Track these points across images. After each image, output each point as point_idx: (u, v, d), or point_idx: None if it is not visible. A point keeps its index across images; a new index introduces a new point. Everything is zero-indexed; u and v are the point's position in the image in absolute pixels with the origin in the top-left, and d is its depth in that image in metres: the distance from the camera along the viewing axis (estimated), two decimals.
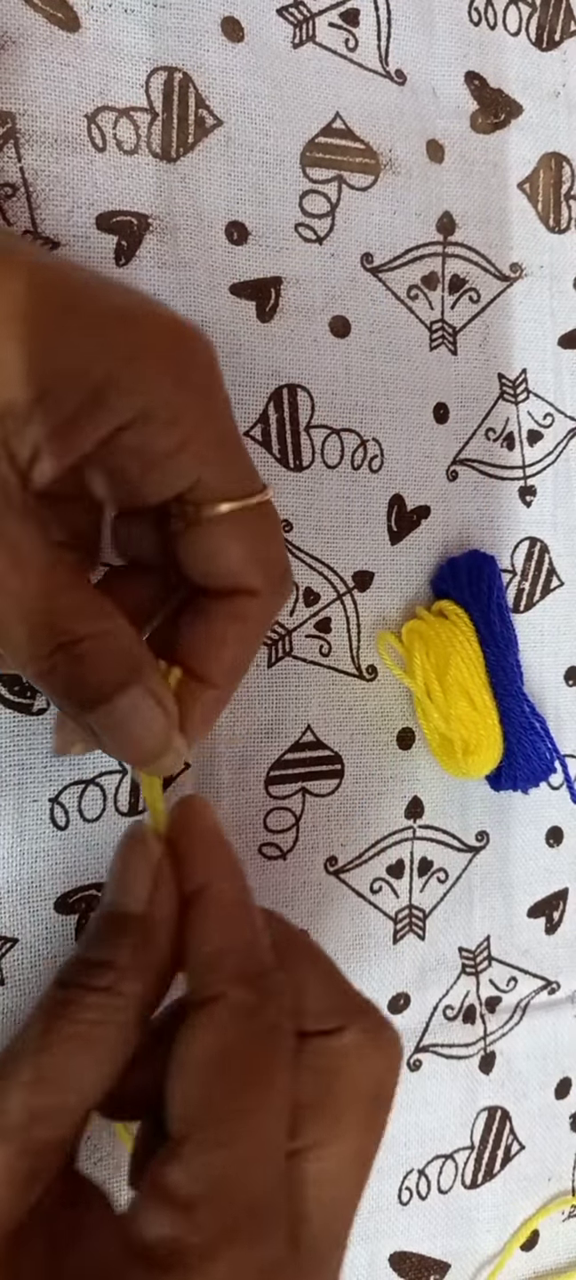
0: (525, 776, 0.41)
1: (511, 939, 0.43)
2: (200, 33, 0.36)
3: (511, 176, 0.42)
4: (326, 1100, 0.25)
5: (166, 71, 0.35)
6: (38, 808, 0.34)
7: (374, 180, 0.39)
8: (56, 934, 0.34)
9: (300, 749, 0.38)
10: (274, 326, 0.37)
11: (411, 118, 0.40)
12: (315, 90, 0.38)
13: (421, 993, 0.41)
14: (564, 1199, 0.44)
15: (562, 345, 0.43)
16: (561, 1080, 0.44)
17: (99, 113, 0.34)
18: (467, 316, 0.41)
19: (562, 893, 0.44)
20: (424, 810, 0.41)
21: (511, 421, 0.42)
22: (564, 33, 0.43)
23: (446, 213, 0.40)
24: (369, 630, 0.40)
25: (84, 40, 0.34)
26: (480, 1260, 0.42)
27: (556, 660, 0.43)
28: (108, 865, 0.35)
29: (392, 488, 0.40)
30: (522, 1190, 0.43)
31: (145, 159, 0.35)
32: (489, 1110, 0.43)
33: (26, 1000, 0.34)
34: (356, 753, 0.39)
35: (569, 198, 0.43)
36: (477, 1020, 0.42)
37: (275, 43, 0.37)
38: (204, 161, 0.36)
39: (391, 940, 0.40)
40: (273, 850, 0.38)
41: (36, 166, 0.33)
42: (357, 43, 0.39)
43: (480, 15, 0.41)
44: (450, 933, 0.42)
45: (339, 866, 0.39)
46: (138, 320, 0.26)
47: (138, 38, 0.35)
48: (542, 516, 0.43)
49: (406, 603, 0.40)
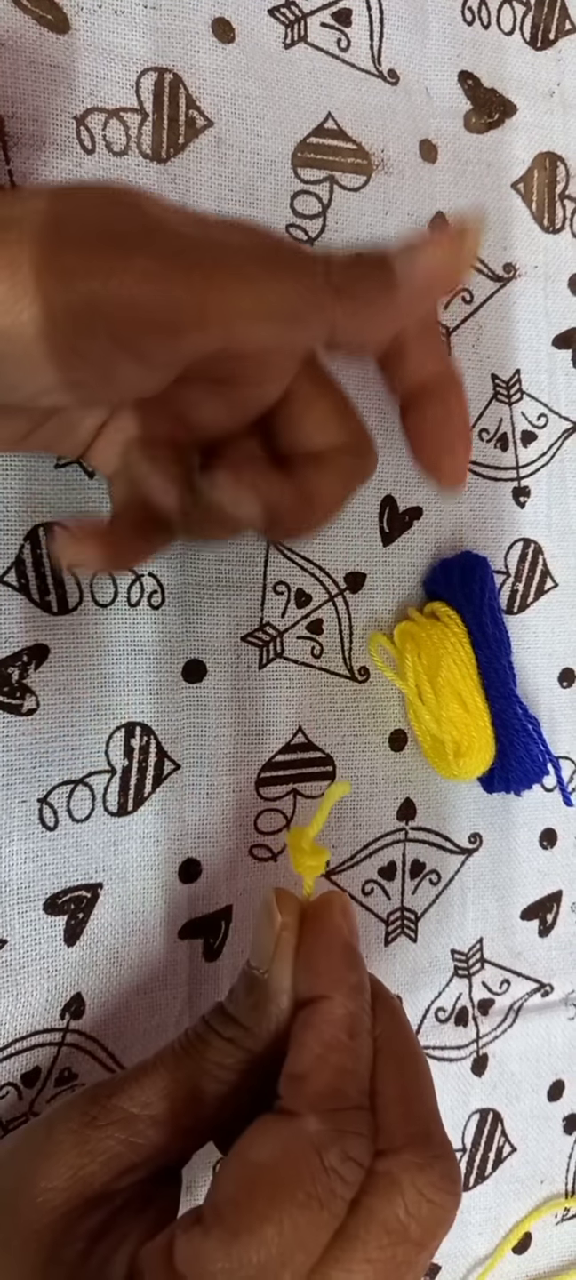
0: (518, 779, 0.41)
1: (504, 941, 0.43)
2: (191, 33, 0.36)
3: (505, 176, 0.42)
4: (347, 1222, 0.25)
5: (157, 72, 0.35)
6: (26, 808, 0.34)
7: (366, 181, 0.39)
8: (45, 935, 0.34)
9: (291, 750, 0.38)
10: None
11: (404, 118, 0.40)
12: (307, 90, 0.38)
13: (413, 995, 0.41)
14: (556, 1202, 0.44)
15: (557, 346, 0.43)
16: (554, 1083, 0.44)
17: (88, 114, 0.34)
18: (461, 317, 0.41)
19: (556, 895, 0.44)
20: (416, 812, 0.41)
21: (505, 422, 0.42)
22: (559, 32, 0.43)
23: (439, 213, 0.40)
24: (361, 632, 0.39)
25: (74, 42, 0.34)
26: (471, 1262, 0.42)
27: (550, 662, 0.43)
28: (96, 866, 0.35)
29: (384, 489, 0.40)
30: (514, 1193, 0.43)
31: (135, 160, 0.35)
32: (481, 1112, 0.43)
33: (15, 1002, 0.34)
34: (348, 754, 0.39)
35: (563, 198, 0.43)
36: (470, 1022, 0.42)
37: (266, 43, 0.37)
38: (194, 162, 0.36)
39: (383, 942, 0.40)
40: (263, 852, 0.38)
41: (25, 169, 0.33)
42: (350, 43, 0.39)
43: (474, 15, 0.41)
44: (442, 935, 0.42)
45: (330, 868, 0.39)
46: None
47: (128, 39, 0.35)
48: (536, 517, 0.43)
49: (398, 604, 0.40)
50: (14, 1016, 0.34)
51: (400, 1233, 0.25)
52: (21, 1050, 0.34)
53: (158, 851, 0.36)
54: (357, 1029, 0.28)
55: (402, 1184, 0.25)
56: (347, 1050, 0.27)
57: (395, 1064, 0.28)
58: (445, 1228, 0.26)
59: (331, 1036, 0.27)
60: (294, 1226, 0.24)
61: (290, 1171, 0.24)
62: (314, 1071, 0.26)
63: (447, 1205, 0.26)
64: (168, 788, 0.36)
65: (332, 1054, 0.27)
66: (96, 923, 0.35)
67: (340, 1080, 0.26)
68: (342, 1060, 0.27)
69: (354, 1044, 0.27)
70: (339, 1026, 0.27)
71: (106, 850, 0.35)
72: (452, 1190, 0.26)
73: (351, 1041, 0.27)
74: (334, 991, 0.28)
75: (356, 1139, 0.25)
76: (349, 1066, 0.27)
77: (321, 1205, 0.24)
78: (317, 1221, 0.24)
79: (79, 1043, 0.35)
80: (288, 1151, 0.25)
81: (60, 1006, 0.35)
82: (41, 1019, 0.34)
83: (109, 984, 0.36)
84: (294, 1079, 0.27)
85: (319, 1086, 0.26)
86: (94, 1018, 0.35)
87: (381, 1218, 0.25)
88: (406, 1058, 0.29)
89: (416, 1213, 0.25)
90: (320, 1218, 0.24)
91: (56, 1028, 0.35)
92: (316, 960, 0.28)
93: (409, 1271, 0.25)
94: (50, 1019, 0.35)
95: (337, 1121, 0.25)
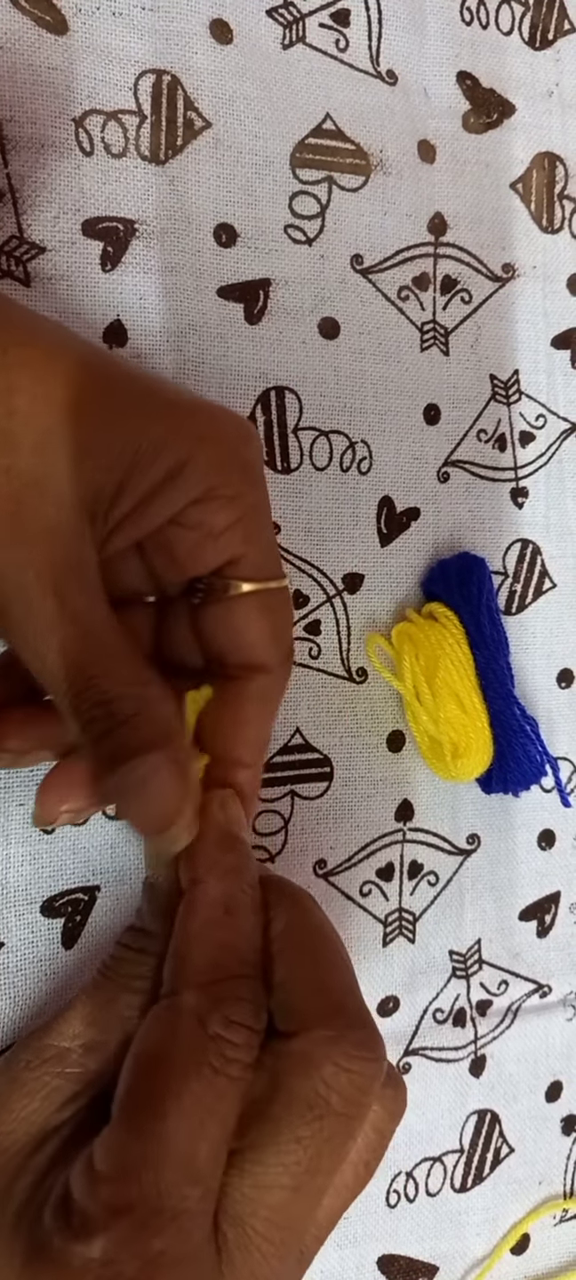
0: (516, 779, 0.41)
1: (502, 942, 0.43)
2: (189, 35, 0.36)
3: (504, 176, 0.42)
4: (270, 1105, 0.26)
5: (155, 74, 0.35)
6: (24, 811, 0.34)
7: (364, 181, 0.39)
8: (42, 937, 0.34)
9: (289, 751, 0.38)
10: (262, 329, 0.37)
11: (402, 118, 0.40)
12: (305, 91, 0.38)
13: (411, 995, 0.41)
14: (555, 1203, 0.44)
15: (555, 346, 0.43)
16: (552, 1083, 0.44)
17: (87, 116, 0.34)
18: (459, 317, 0.41)
19: (554, 896, 0.44)
20: (414, 813, 0.41)
21: (503, 423, 0.42)
22: (557, 32, 0.43)
23: (438, 213, 0.40)
24: (358, 633, 0.39)
25: (72, 43, 0.34)
26: (469, 1263, 0.42)
27: (548, 663, 0.43)
28: (94, 868, 0.35)
29: (382, 490, 0.40)
30: (512, 1194, 0.43)
31: (133, 162, 0.35)
32: (479, 1113, 0.43)
33: (13, 1004, 0.34)
34: (346, 755, 0.39)
35: (562, 198, 0.43)
36: (468, 1023, 0.42)
37: (264, 44, 0.37)
38: (193, 164, 0.36)
39: (381, 943, 0.40)
40: (261, 853, 0.38)
41: (23, 172, 0.33)
42: (348, 43, 0.39)
43: (472, 15, 0.41)
44: (440, 936, 0.42)
45: (328, 869, 0.39)
46: (208, 410, 0.30)
47: (126, 40, 0.35)
48: (535, 518, 0.43)
49: (396, 605, 0.40)
50: (11, 1020, 0.34)
51: (321, 1106, 0.26)
52: None
53: None
54: (234, 906, 0.28)
55: (315, 1058, 0.26)
56: (224, 925, 0.28)
57: (301, 949, 0.29)
58: (369, 1096, 0.26)
59: (206, 915, 0.28)
60: (192, 1097, 0.25)
61: (175, 1047, 0.26)
62: (191, 950, 0.28)
63: (367, 1072, 0.26)
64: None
65: (208, 930, 0.28)
66: (94, 925, 0.35)
67: (218, 954, 0.27)
68: (219, 935, 0.28)
69: (232, 919, 0.28)
70: (213, 906, 0.28)
71: (104, 853, 0.35)
72: (370, 1057, 0.26)
73: (228, 918, 0.28)
74: (207, 875, 0.29)
75: (238, 1003, 0.26)
76: (227, 941, 0.28)
77: (215, 1071, 0.25)
78: (216, 1089, 0.25)
79: None
80: (171, 1029, 0.26)
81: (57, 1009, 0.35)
82: (38, 1022, 0.34)
83: None
84: (172, 960, 0.28)
85: (197, 963, 0.27)
86: None
87: (300, 1094, 0.26)
88: (314, 941, 0.29)
89: (335, 1084, 0.26)
90: (217, 1083, 0.25)
91: None
92: (195, 850, 0.29)
93: (343, 1145, 0.26)
94: None
95: (217, 990, 0.27)
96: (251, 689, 0.31)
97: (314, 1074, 0.26)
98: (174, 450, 0.28)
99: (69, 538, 0.26)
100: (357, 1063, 0.26)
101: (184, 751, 0.28)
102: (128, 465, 0.27)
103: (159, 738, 0.26)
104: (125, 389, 0.28)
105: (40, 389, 0.25)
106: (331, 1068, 0.26)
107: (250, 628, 0.31)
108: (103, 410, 0.26)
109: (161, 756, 0.26)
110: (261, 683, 0.31)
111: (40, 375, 0.26)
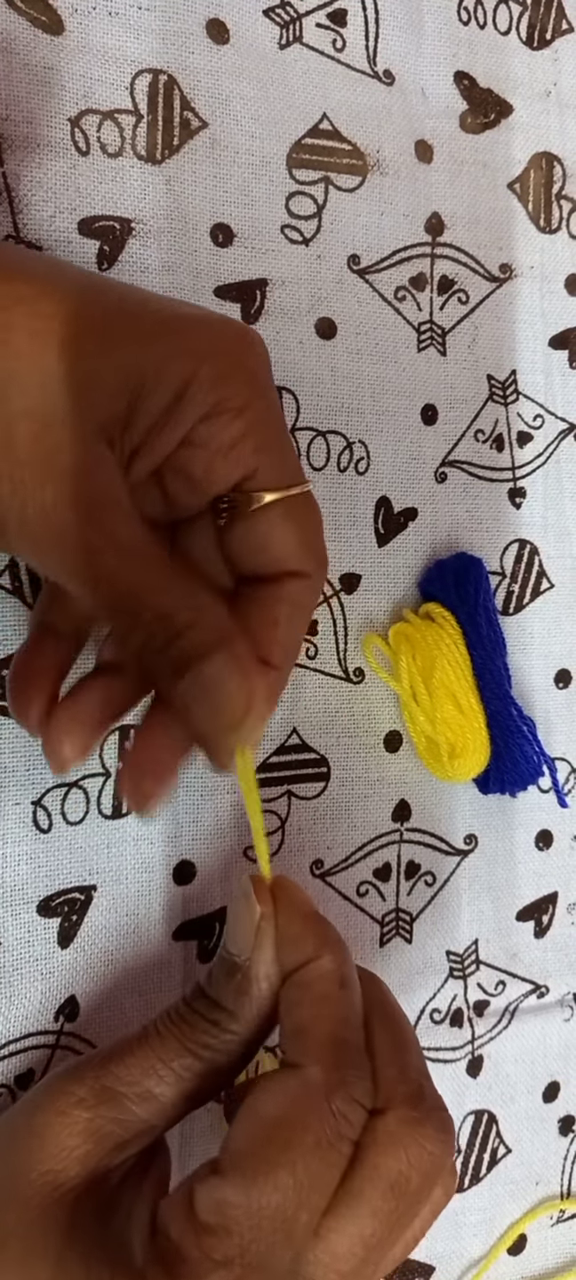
0: (513, 780, 0.41)
1: (500, 943, 0.43)
2: (185, 35, 0.36)
3: (501, 176, 0.42)
4: (352, 1178, 0.26)
5: (151, 74, 0.35)
6: (20, 810, 0.34)
7: (361, 181, 0.39)
8: (39, 937, 0.34)
9: (286, 752, 0.38)
10: (259, 329, 0.37)
11: (399, 118, 0.40)
12: (302, 91, 0.38)
13: (408, 996, 0.41)
14: (552, 1203, 0.44)
15: (553, 346, 0.43)
16: (549, 1084, 0.44)
17: (83, 116, 0.34)
18: (457, 317, 0.41)
19: (552, 896, 0.44)
20: (411, 813, 0.41)
21: (501, 423, 0.42)
22: (555, 32, 0.43)
23: (435, 213, 0.40)
24: (356, 633, 0.39)
25: (68, 43, 0.34)
26: (465, 1264, 0.42)
27: (546, 663, 0.43)
28: (90, 868, 0.35)
29: (379, 490, 0.40)
30: (509, 1194, 0.43)
31: (129, 161, 0.35)
32: (476, 1114, 0.43)
33: (10, 1004, 0.34)
34: (342, 755, 0.39)
35: (560, 198, 0.43)
36: (465, 1024, 0.42)
37: (261, 44, 0.37)
38: (189, 164, 0.36)
39: (378, 943, 0.40)
40: None
41: (19, 171, 0.33)
42: (345, 43, 0.39)
43: (470, 14, 0.41)
44: (437, 936, 0.42)
45: (325, 870, 0.39)
46: (207, 323, 0.29)
47: (122, 40, 0.35)
48: (532, 518, 0.43)
49: (393, 605, 0.40)
50: (7, 1018, 0.34)
51: (402, 1185, 0.26)
52: (15, 1052, 0.34)
53: (152, 853, 0.36)
54: (347, 981, 0.29)
55: (403, 1139, 0.27)
56: (341, 1001, 0.28)
57: (383, 1024, 0.29)
58: (443, 1176, 0.28)
59: (325, 990, 0.28)
60: (306, 1169, 0.25)
61: (301, 1118, 0.26)
62: (313, 1025, 0.28)
63: (444, 1155, 0.27)
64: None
65: (328, 1006, 0.28)
66: (90, 925, 0.35)
67: (338, 1029, 0.28)
68: (338, 1011, 0.28)
69: (346, 994, 0.29)
70: (330, 981, 0.29)
71: (100, 852, 0.35)
72: (448, 1140, 0.27)
73: (343, 992, 0.29)
74: (321, 950, 0.29)
75: (358, 1082, 0.27)
76: (344, 1015, 0.28)
77: (331, 1146, 0.26)
78: (328, 1162, 0.26)
79: (73, 1045, 0.35)
80: (296, 1100, 0.27)
81: (54, 1009, 0.35)
82: (35, 1021, 0.34)
83: (103, 986, 0.36)
84: (295, 1034, 0.28)
85: (319, 1038, 0.28)
86: (88, 1020, 0.35)
87: (385, 1172, 0.26)
88: (394, 1018, 0.30)
89: (418, 1164, 0.27)
90: (330, 1158, 0.26)
91: (50, 1030, 0.35)
92: (295, 931, 0.30)
93: (410, 1221, 0.27)
94: (44, 1021, 0.35)
95: (341, 1068, 0.27)
96: (284, 591, 0.31)
97: (401, 1154, 0.26)
98: (177, 369, 0.27)
99: (94, 468, 0.26)
100: (439, 1145, 0.27)
101: (244, 647, 0.28)
102: (133, 390, 0.26)
103: (219, 639, 0.27)
104: (124, 314, 0.27)
105: (39, 324, 0.25)
106: (417, 1149, 0.27)
107: (277, 537, 0.30)
108: (103, 339, 0.26)
109: (224, 654, 0.27)
110: (294, 587, 0.31)
111: (37, 311, 0.25)
